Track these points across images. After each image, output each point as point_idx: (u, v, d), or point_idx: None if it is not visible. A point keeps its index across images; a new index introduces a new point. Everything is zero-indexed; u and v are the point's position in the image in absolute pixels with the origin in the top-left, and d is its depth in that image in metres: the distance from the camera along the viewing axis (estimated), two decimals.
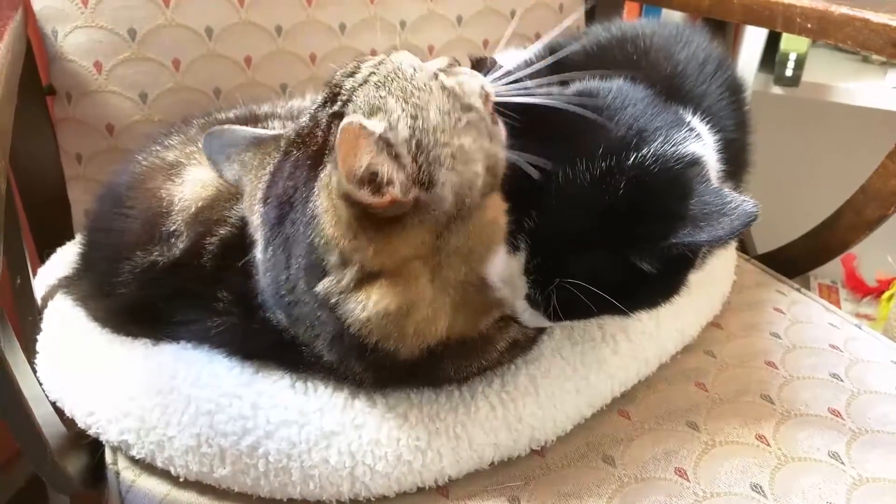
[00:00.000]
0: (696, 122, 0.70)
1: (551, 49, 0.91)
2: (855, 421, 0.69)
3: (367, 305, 0.52)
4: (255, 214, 0.57)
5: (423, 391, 0.63)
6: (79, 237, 0.78)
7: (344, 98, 0.54)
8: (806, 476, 0.63)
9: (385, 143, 0.48)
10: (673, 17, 1.33)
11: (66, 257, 0.80)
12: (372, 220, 0.50)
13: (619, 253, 0.57)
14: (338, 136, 0.46)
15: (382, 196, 0.48)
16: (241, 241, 0.62)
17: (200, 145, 0.69)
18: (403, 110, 0.51)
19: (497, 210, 0.57)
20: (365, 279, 0.52)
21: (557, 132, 0.59)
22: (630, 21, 0.98)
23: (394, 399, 0.62)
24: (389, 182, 0.48)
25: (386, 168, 0.48)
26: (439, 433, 0.60)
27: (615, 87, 0.66)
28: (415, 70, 0.55)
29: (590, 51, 0.87)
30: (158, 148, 0.71)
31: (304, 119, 0.57)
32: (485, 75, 0.60)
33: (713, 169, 0.65)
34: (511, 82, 0.59)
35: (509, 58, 0.95)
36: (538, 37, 1.14)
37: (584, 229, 0.58)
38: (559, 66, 0.87)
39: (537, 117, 0.59)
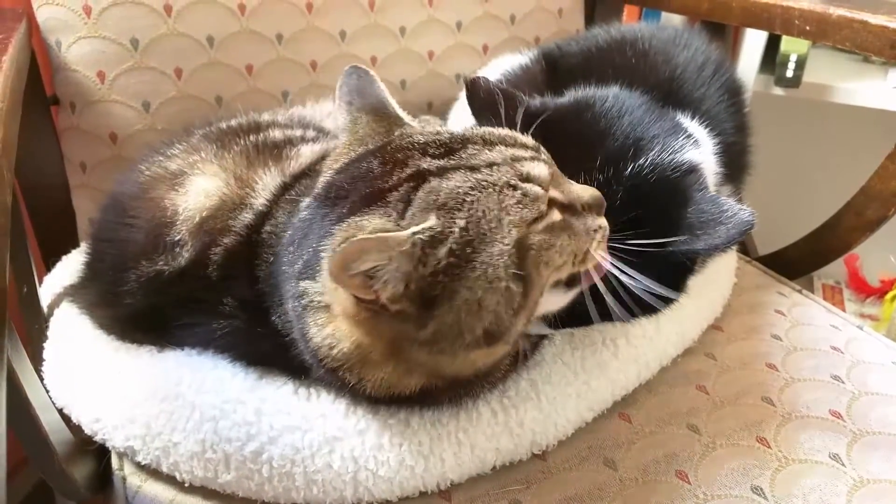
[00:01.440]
0: (694, 126, 0.70)
1: (546, 53, 0.92)
2: (856, 423, 0.69)
3: (322, 332, 0.52)
4: (321, 177, 0.57)
5: None
6: (84, 246, 0.79)
7: (447, 164, 0.51)
8: (807, 478, 0.63)
9: (415, 247, 0.47)
10: (672, 19, 1.33)
11: (71, 266, 0.81)
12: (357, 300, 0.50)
13: (618, 260, 0.58)
14: (378, 241, 0.45)
15: (365, 289, 0.47)
16: (245, 250, 0.62)
17: (203, 154, 0.70)
18: (459, 233, 0.48)
19: (473, 362, 0.55)
20: (331, 311, 0.52)
21: (557, 143, 0.59)
22: (629, 24, 0.99)
23: (396, 404, 0.62)
24: (379, 287, 0.48)
25: (385, 276, 0.47)
26: (441, 438, 0.61)
27: (612, 95, 0.66)
28: (515, 202, 0.50)
29: (588, 54, 0.88)
30: (161, 158, 0.71)
31: (419, 138, 0.54)
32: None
33: (711, 174, 0.65)
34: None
35: (505, 63, 0.96)
36: (538, 41, 1.15)
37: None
38: (558, 70, 0.88)
39: (536, 129, 0.59)
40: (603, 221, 0.55)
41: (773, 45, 1.31)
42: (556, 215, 0.52)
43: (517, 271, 0.50)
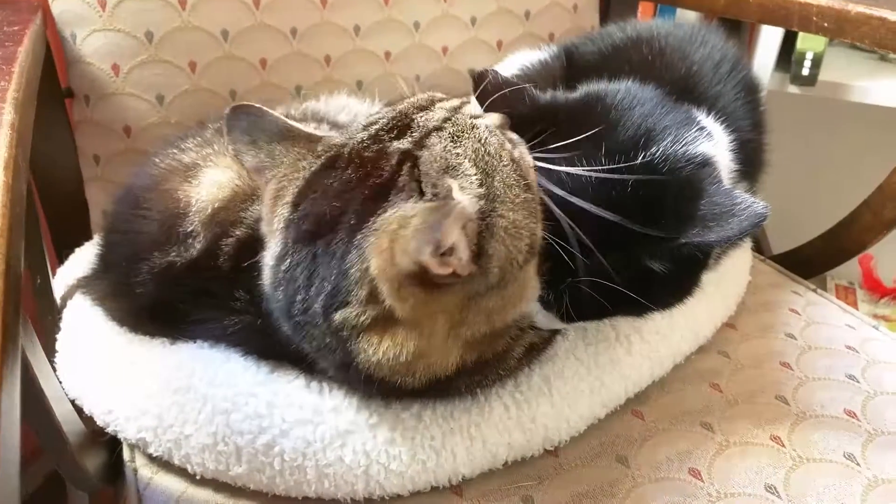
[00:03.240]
0: (710, 122, 0.69)
1: (567, 50, 0.92)
2: (871, 422, 0.68)
3: (378, 350, 0.51)
4: (276, 217, 0.55)
5: None
6: (97, 238, 0.79)
7: (416, 137, 0.54)
8: (821, 477, 0.62)
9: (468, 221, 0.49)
10: (688, 16, 1.32)
11: (84, 257, 0.81)
12: (422, 278, 0.49)
13: (630, 253, 0.57)
14: (446, 214, 0.45)
15: (445, 266, 0.48)
16: (257, 241, 0.62)
17: (216, 147, 0.70)
18: (476, 177, 0.51)
19: (530, 277, 0.56)
20: (383, 321, 0.51)
21: (565, 135, 0.59)
22: (645, 21, 0.98)
23: (408, 399, 0.62)
24: (458, 257, 0.48)
25: (461, 244, 0.48)
26: (453, 433, 0.60)
27: (623, 88, 0.66)
28: (489, 132, 0.55)
29: (605, 51, 0.87)
30: (175, 150, 0.71)
31: (361, 135, 0.55)
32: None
33: (725, 169, 0.65)
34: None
35: (523, 58, 0.96)
36: (552, 37, 1.14)
37: (597, 224, 0.57)
38: (574, 67, 0.87)
39: (547, 119, 0.59)
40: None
41: (788, 43, 1.30)
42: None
43: (523, 181, 0.54)
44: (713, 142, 0.64)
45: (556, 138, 0.58)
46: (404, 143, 0.54)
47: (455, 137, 0.54)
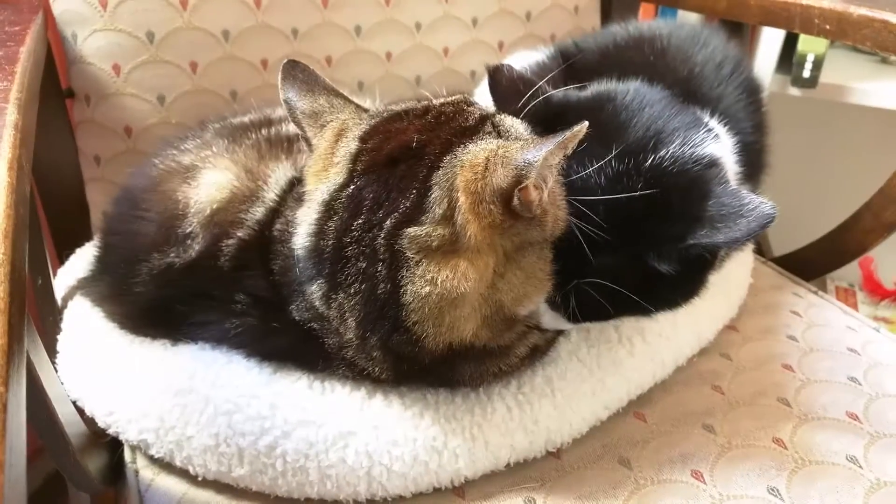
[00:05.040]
0: (713, 123, 0.70)
1: (563, 51, 0.92)
2: (873, 424, 0.68)
3: (436, 278, 0.52)
4: (338, 152, 0.57)
5: (439, 392, 0.63)
6: (96, 239, 0.79)
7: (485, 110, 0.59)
8: (823, 479, 0.62)
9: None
10: (689, 18, 1.32)
11: (85, 258, 0.81)
12: (505, 199, 0.52)
13: (638, 254, 0.57)
14: (549, 143, 0.49)
15: (529, 192, 0.52)
16: (257, 243, 0.62)
17: (215, 149, 0.70)
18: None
19: (548, 263, 0.58)
20: (447, 248, 0.52)
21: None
22: (647, 22, 0.98)
23: (410, 399, 0.62)
24: (540, 191, 0.52)
25: (548, 178, 0.53)
26: (455, 434, 0.60)
27: (632, 89, 0.66)
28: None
29: (607, 51, 0.87)
30: (174, 152, 0.71)
31: (425, 104, 0.60)
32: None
33: (731, 170, 0.65)
34: None
35: (521, 59, 0.96)
36: (553, 38, 1.15)
37: (603, 225, 0.57)
38: (575, 67, 0.87)
39: (556, 121, 0.59)
40: None
41: (789, 45, 1.30)
42: None
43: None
44: (720, 143, 0.64)
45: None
46: (481, 111, 0.59)
47: (512, 119, 0.59)
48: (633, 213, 0.57)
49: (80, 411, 0.66)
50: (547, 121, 0.61)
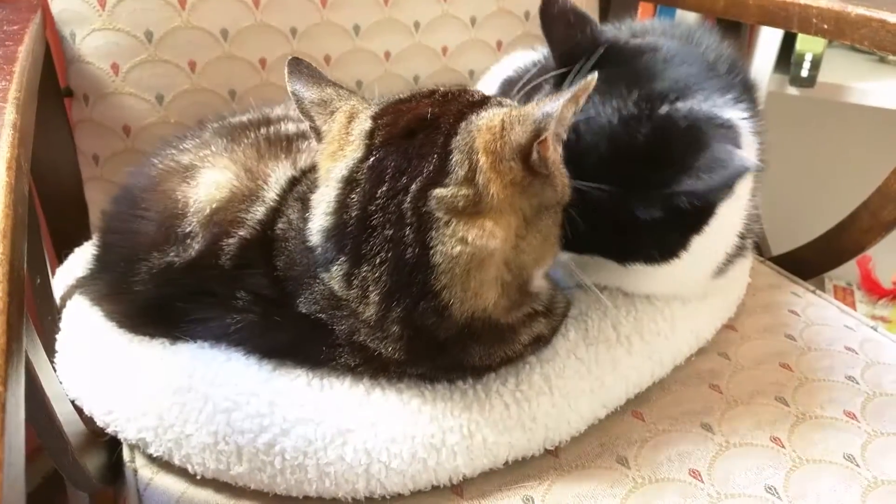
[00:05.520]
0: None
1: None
2: (870, 423, 0.68)
3: (466, 237, 0.54)
4: (353, 131, 0.59)
5: (436, 389, 0.63)
6: (95, 238, 0.79)
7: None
8: (821, 478, 0.63)
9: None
10: (687, 17, 1.32)
11: (83, 257, 0.81)
12: (524, 156, 0.54)
13: (627, 196, 0.60)
14: (562, 98, 0.52)
15: (546, 147, 0.54)
16: (259, 242, 0.62)
17: (214, 148, 0.70)
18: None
19: (558, 227, 0.60)
20: (472, 208, 0.54)
21: (610, 70, 0.62)
22: (642, 21, 0.98)
23: (408, 396, 0.62)
24: (555, 147, 0.56)
25: (562, 133, 0.56)
26: (453, 431, 0.60)
27: (678, 46, 0.69)
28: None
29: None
30: (173, 151, 0.71)
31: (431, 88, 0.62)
32: None
33: (748, 142, 0.64)
34: None
35: (518, 59, 0.96)
36: None
37: (600, 161, 0.61)
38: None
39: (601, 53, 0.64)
40: None
41: (788, 44, 1.31)
42: None
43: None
44: (741, 114, 0.64)
45: (602, 73, 0.61)
46: (481, 93, 0.61)
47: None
48: (633, 154, 0.60)
49: (79, 410, 0.66)
50: (590, 54, 0.64)
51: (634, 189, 0.60)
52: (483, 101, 0.59)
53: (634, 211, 0.61)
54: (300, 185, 0.65)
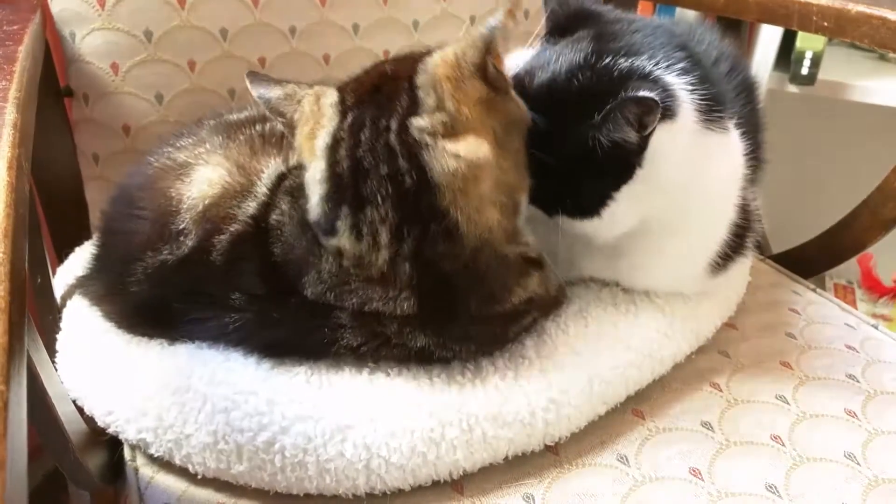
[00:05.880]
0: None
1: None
2: (871, 422, 0.68)
3: (457, 151, 0.57)
4: (323, 107, 0.62)
5: (435, 383, 0.63)
6: (94, 238, 0.79)
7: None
8: (821, 476, 0.63)
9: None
10: (687, 15, 1.32)
11: (83, 257, 0.81)
12: (483, 73, 0.60)
13: (552, 132, 0.63)
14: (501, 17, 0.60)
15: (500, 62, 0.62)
16: (251, 237, 0.63)
17: (209, 146, 0.70)
18: None
19: (523, 152, 0.64)
20: (452, 129, 0.58)
21: (583, 31, 0.69)
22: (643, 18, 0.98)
23: (407, 390, 0.62)
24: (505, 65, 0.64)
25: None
26: (452, 425, 0.60)
27: (654, 23, 0.73)
28: None
29: None
30: (170, 149, 0.71)
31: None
32: None
33: (682, 99, 0.65)
34: None
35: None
36: None
37: (538, 103, 0.64)
38: None
39: (586, 21, 0.70)
40: None
41: (788, 42, 1.31)
42: None
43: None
44: (689, 86, 0.65)
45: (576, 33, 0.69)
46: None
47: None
48: (564, 96, 0.64)
49: (80, 410, 0.66)
50: (573, 22, 0.70)
51: (557, 130, 0.63)
52: (431, 50, 0.63)
53: (553, 150, 0.63)
54: (288, 180, 0.66)
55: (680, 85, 0.64)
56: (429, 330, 0.62)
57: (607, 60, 0.64)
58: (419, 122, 0.58)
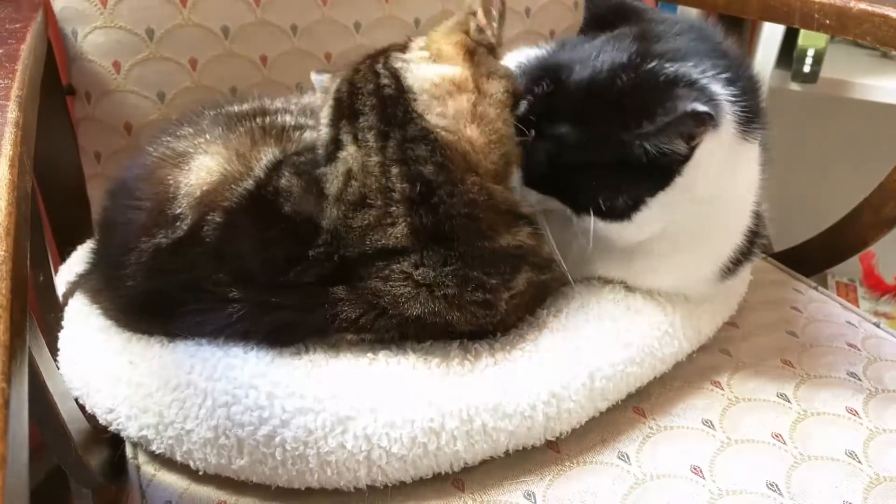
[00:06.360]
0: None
1: (563, 46, 0.92)
2: (872, 420, 0.68)
3: (431, 65, 0.68)
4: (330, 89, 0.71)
5: (434, 373, 0.63)
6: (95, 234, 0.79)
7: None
8: (822, 474, 0.63)
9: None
10: (689, 13, 1.32)
11: (85, 255, 0.81)
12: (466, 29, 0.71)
13: (589, 134, 0.64)
14: None
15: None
16: (246, 205, 0.63)
17: (209, 136, 0.70)
18: None
19: (508, 118, 0.68)
20: (427, 61, 0.68)
21: (626, 28, 0.69)
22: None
23: (407, 381, 0.62)
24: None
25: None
26: (452, 415, 0.60)
27: (699, 24, 0.74)
28: None
29: None
30: (169, 139, 0.71)
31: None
32: None
33: (726, 112, 0.64)
34: None
35: (518, 56, 0.96)
36: (553, 34, 1.14)
37: (577, 98, 0.65)
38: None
39: (628, 17, 0.71)
40: None
41: (790, 39, 1.30)
42: None
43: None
44: (723, 89, 0.64)
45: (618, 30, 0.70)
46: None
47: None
48: (606, 96, 0.63)
49: (82, 408, 0.66)
50: (613, 16, 0.72)
51: (597, 130, 0.63)
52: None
53: (591, 153, 0.64)
54: (285, 164, 0.66)
55: (725, 95, 0.63)
56: (425, 265, 0.62)
57: (653, 64, 0.63)
58: (401, 55, 0.69)
